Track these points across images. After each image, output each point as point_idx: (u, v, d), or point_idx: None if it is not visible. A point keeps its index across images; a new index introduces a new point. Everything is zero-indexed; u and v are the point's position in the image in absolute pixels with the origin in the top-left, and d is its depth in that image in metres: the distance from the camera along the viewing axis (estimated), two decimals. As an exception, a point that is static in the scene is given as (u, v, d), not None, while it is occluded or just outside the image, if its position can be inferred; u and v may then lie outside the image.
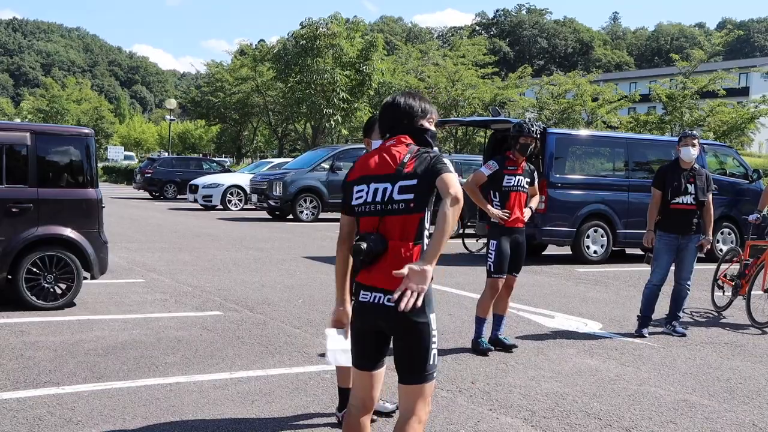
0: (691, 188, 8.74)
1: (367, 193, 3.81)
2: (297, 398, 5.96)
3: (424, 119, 3.95)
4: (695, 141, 8.79)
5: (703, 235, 8.92)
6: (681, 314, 9.09)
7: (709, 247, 9.00)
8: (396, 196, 3.73)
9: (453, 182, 3.63)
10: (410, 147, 3.84)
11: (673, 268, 9.00)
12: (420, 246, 3.71)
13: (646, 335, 8.75)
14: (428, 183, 3.68)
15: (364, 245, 3.70)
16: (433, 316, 3.72)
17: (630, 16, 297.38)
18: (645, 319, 8.90)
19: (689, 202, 8.74)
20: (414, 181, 3.72)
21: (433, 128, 3.98)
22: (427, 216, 3.76)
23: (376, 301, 3.72)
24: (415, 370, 3.71)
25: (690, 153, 8.75)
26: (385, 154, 3.87)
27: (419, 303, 3.43)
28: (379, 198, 3.77)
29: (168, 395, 5.92)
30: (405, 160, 3.77)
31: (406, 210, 3.71)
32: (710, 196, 8.90)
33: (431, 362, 3.71)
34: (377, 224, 3.75)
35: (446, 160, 3.74)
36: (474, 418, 5.64)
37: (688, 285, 8.95)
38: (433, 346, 3.72)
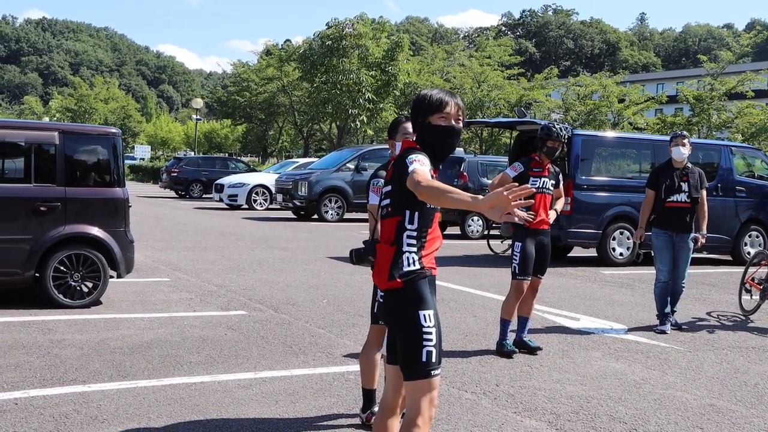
0: (684, 186, 9.11)
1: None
2: (321, 399, 5.96)
3: (436, 114, 3.83)
4: (686, 141, 9.15)
5: (699, 230, 9.29)
6: (676, 309, 9.39)
7: (704, 241, 9.32)
8: (383, 202, 3.91)
9: (414, 176, 3.58)
10: (402, 153, 3.85)
11: None
12: (395, 248, 3.77)
13: (668, 331, 9.00)
14: (400, 187, 3.71)
15: (353, 250, 4.13)
16: (425, 314, 3.73)
17: (657, 17, 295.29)
18: (664, 315, 9.17)
19: (683, 200, 9.10)
20: (389, 188, 3.87)
21: (446, 124, 3.84)
22: (409, 217, 3.76)
23: (380, 297, 3.92)
24: (408, 366, 3.74)
25: (681, 152, 9.10)
26: (392, 159, 4.08)
27: (512, 213, 3.40)
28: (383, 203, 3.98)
29: (192, 394, 5.95)
30: (389, 168, 3.94)
31: (387, 215, 3.86)
32: (704, 193, 9.25)
33: (424, 359, 3.69)
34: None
35: (411, 157, 3.68)
36: (498, 420, 5.62)
37: (684, 284, 9.31)
38: (428, 343, 3.70)
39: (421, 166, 3.62)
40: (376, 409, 5.37)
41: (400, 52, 38.15)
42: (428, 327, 3.72)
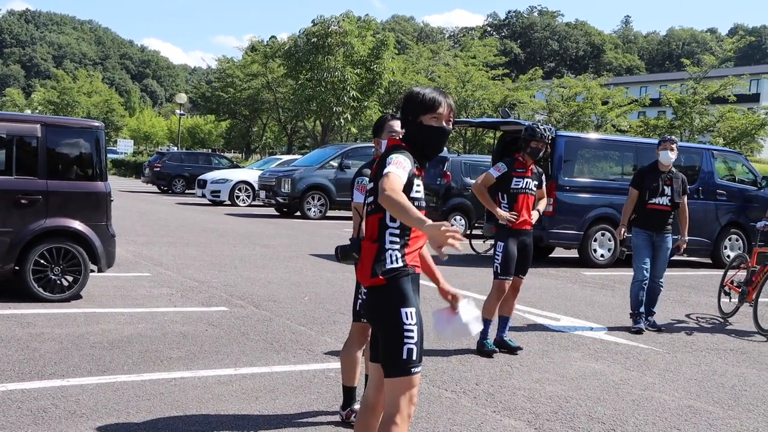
0: (667, 190, 9.25)
1: None
2: (301, 396, 5.96)
3: (428, 114, 3.83)
4: (674, 146, 9.29)
5: (680, 236, 9.45)
6: (655, 310, 9.50)
7: (685, 246, 9.46)
8: (367, 199, 3.96)
9: (385, 181, 3.58)
10: (386, 151, 3.84)
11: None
12: (378, 245, 3.78)
13: (644, 329, 9.16)
14: (377, 186, 3.72)
15: (339, 247, 4.38)
16: (406, 311, 3.72)
17: (642, 20, 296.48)
18: (638, 315, 9.30)
19: (665, 203, 9.26)
20: (371, 185, 3.89)
21: (437, 125, 3.85)
22: (390, 215, 3.74)
23: (362, 294, 3.84)
24: (389, 363, 3.74)
25: (669, 157, 9.23)
26: (376, 157, 4.05)
27: (454, 243, 3.39)
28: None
29: (172, 390, 5.93)
30: (374, 166, 3.97)
31: (370, 212, 3.88)
32: (685, 199, 9.39)
33: (405, 357, 3.69)
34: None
35: (392, 158, 3.68)
36: (477, 419, 5.64)
37: (662, 282, 9.45)
38: (408, 341, 3.70)
39: (396, 169, 3.61)
40: (356, 406, 5.37)
41: (385, 50, 38.15)
42: (409, 324, 3.71)
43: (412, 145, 3.85)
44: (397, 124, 5.36)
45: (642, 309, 9.31)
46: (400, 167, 3.63)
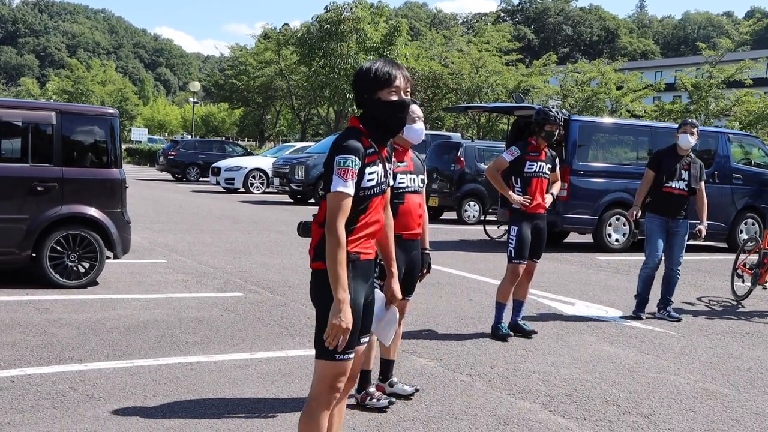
0: (685, 175, 8.96)
1: None
2: (316, 379, 5.98)
3: (385, 90, 3.63)
4: (694, 129, 8.99)
5: (699, 221, 9.12)
6: (672, 299, 9.22)
7: (705, 232, 9.10)
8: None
9: (327, 206, 3.52)
10: (343, 136, 3.64)
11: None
12: (323, 230, 3.64)
13: (643, 317, 8.96)
14: (329, 174, 3.56)
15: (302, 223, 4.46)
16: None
17: (657, 4, 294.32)
18: (643, 301, 9.11)
19: (682, 187, 8.96)
20: (323, 170, 3.69)
21: (397, 98, 3.64)
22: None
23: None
24: (317, 345, 3.66)
25: (688, 140, 8.94)
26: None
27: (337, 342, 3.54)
28: None
29: (189, 374, 5.97)
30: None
31: (322, 196, 3.71)
32: (702, 185, 9.08)
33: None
34: None
35: (340, 163, 3.49)
36: (492, 402, 5.65)
37: (679, 270, 9.15)
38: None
39: (342, 185, 3.48)
40: (371, 389, 5.41)
41: (398, 36, 38.05)
42: None
43: (372, 124, 3.67)
44: (415, 108, 5.33)
45: (648, 296, 9.09)
46: (347, 179, 3.48)
